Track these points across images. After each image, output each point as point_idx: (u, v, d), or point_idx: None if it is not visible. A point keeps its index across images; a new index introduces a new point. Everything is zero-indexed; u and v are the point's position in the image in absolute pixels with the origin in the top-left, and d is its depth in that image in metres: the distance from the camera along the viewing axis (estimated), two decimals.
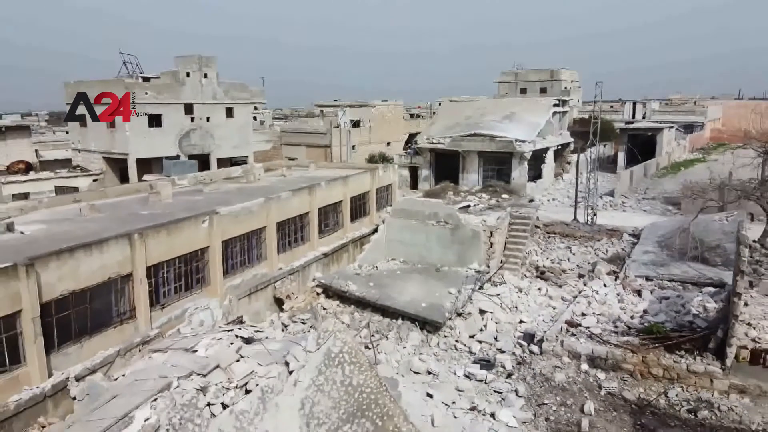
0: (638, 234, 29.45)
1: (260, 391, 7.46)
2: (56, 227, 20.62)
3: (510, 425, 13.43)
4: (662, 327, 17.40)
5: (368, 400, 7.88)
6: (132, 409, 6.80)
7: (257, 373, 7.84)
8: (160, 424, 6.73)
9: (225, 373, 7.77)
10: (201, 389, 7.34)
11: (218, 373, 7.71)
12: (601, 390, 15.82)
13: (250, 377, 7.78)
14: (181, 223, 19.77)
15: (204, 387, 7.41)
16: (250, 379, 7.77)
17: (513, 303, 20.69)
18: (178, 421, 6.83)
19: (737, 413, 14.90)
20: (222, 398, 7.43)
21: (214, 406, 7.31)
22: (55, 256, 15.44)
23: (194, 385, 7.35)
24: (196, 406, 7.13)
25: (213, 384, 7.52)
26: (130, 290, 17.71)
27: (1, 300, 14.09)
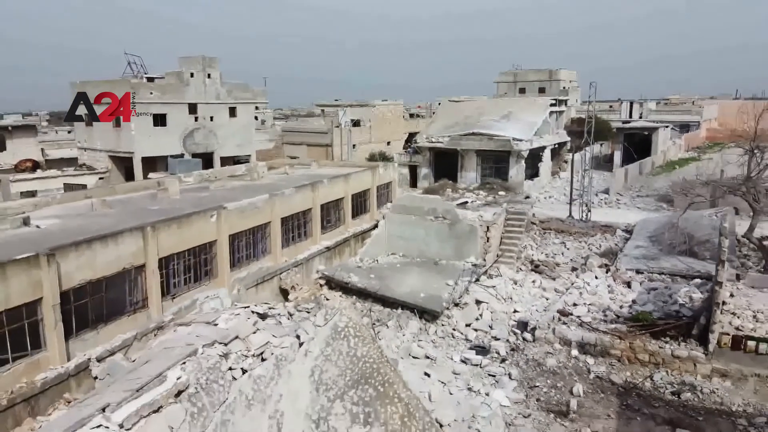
0: (631, 230, 30.34)
1: (275, 359, 8.36)
2: (70, 222, 21.51)
3: (503, 404, 14.32)
4: (649, 315, 18.30)
5: (371, 369, 8.77)
6: (165, 370, 7.66)
7: (272, 344, 8.72)
8: (189, 383, 7.60)
9: (243, 342, 8.65)
10: (223, 356, 8.23)
11: (237, 343, 8.58)
12: (590, 374, 16.72)
13: (266, 347, 8.66)
14: (190, 217, 20.67)
15: (225, 354, 8.30)
16: (266, 348, 8.66)
17: (508, 294, 21.60)
18: (205, 381, 7.71)
19: (719, 395, 15.79)
20: (241, 364, 8.32)
21: (235, 370, 8.19)
22: (73, 247, 16.34)
23: (217, 352, 8.23)
24: (219, 369, 8.02)
25: (233, 352, 8.41)
26: (143, 281, 18.60)
27: (23, 288, 15.01)
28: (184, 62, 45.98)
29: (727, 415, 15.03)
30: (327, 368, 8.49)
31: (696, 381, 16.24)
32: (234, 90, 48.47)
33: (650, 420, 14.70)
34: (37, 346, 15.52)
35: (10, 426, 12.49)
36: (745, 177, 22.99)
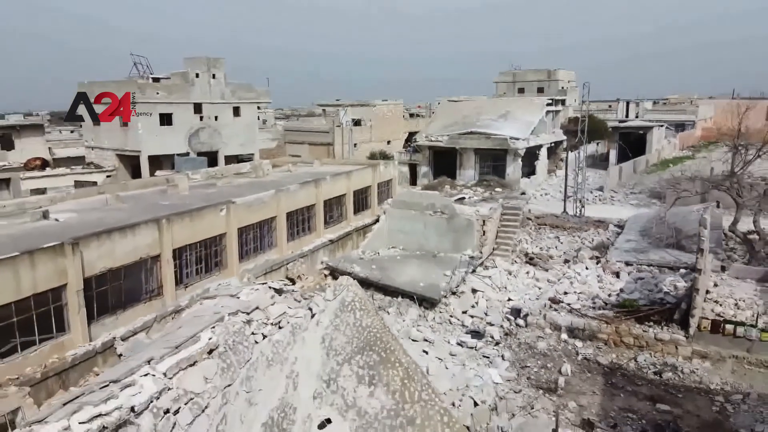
0: (623, 225, 31.45)
1: (290, 327, 9.45)
2: (86, 215, 22.65)
3: (495, 381, 15.44)
4: (634, 302, 19.44)
5: (374, 337, 9.86)
6: (198, 332, 8.74)
7: (288, 314, 9.80)
8: (219, 343, 8.67)
9: (263, 312, 9.73)
10: (246, 322, 9.31)
11: (258, 313, 9.66)
12: (578, 356, 17.85)
13: (282, 317, 9.74)
14: (201, 211, 21.82)
15: (248, 321, 9.37)
16: (282, 318, 9.74)
17: (502, 284, 22.73)
18: (231, 343, 8.79)
19: (698, 375, 16.92)
20: (262, 330, 9.39)
21: (256, 335, 9.26)
22: (95, 237, 17.50)
23: (241, 320, 9.31)
24: (243, 333, 9.11)
25: (254, 320, 9.48)
26: (158, 270, 19.75)
27: (49, 274, 16.16)
28: (189, 63, 47.05)
29: (706, 393, 16.15)
30: (336, 336, 9.61)
31: (677, 362, 17.35)
32: (238, 90, 49.54)
33: (632, 396, 15.83)
34: (61, 329, 16.66)
35: (43, 397, 13.61)
36: (729, 173, 24.10)
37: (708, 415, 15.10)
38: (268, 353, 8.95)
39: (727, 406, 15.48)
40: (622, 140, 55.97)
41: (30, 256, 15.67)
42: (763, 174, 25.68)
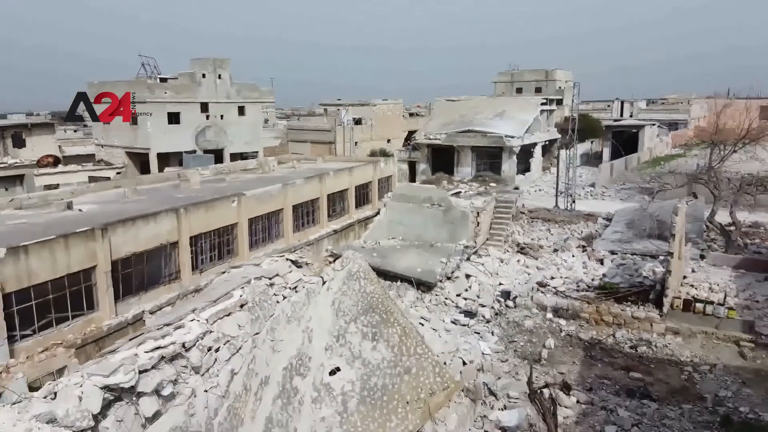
0: (610, 218, 33.14)
1: (305, 291, 11.05)
2: (107, 207, 24.33)
3: (485, 353, 17.10)
4: (614, 284, 21.12)
5: (376, 301, 11.47)
6: (230, 290, 10.35)
7: (303, 281, 11.40)
8: (247, 300, 10.26)
9: (282, 279, 11.33)
10: (269, 285, 10.92)
11: (278, 279, 11.26)
12: (561, 332, 19.52)
13: (299, 282, 11.35)
14: (215, 202, 23.54)
15: (271, 284, 10.97)
16: (299, 284, 11.34)
17: (494, 270, 24.39)
18: (258, 300, 10.39)
19: (670, 349, 18.58)
20: (282, 293, 10.99)
21: (278, 296, 10.85)
22: (122, 224, 19.21)
23: (264, 283, 10.91)
24: (267, 294, 10.71)
25: (276, 284, 11.09)
26: (177, 255, 21.49)
27: (81, 256, 17.86)
28: (196, 63, 48.74)
29: (676, 364, 17.81)
30: (343, 300, 11.21)
31: (651, 338, 19.02)
32: (243, 90, 51.25)
33: (609, 366, 17.50)
34: (91, 307, 18.37)
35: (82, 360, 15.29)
36: (707, 167, 25.76)
37: (677, 382, 16.76)
38: (288, 311, 10.57)
39: (695, 375, 17.14)
40: (615, 139, 57.67)
41: (65, 240, 17.37)
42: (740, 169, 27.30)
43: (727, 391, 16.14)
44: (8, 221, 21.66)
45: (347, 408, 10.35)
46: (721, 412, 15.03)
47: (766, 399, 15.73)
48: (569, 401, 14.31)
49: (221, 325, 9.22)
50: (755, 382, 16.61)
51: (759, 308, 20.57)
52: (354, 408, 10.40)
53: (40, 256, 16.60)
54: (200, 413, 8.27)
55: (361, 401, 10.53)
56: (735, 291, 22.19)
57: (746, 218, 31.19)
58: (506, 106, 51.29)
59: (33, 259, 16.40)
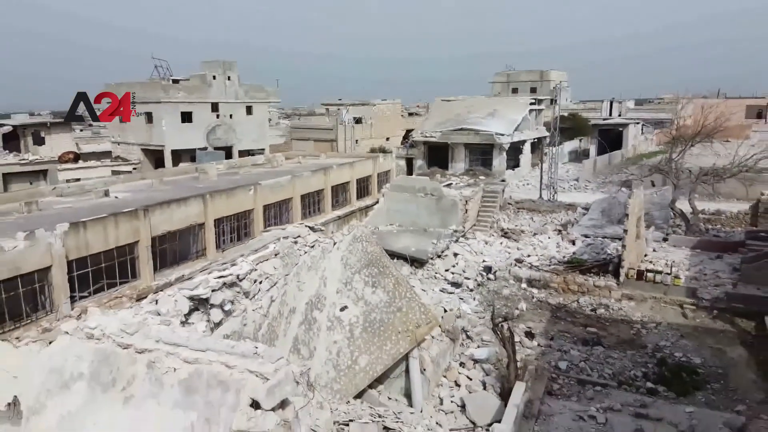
0: (588, 207, 36.49)
1: (321, 249, 14.29)
2: (138, 194, 27.65)
3: (467, 312, 20.43)
4: (581, 259, 24.47)
5: (375, 259, 14.69)
6: (266, 244, 13.57)
7: (319, 241, 14.62)
8: (279, 251, 13.46)
9: (303, 239, 14.56)
10: (294, 242, 14.15)
11: (300, 239, 14.49)
12: (533, 299, 22.87)
13: (316, 242, 14.56)
14: (235, 190, 26.87)
15: (295, 242, 14.19)
16: (316, 243, 14.55)
17: (479, 250, 27.72)
18: (287, 252, 13.57)
19: (624, 311, 21.93)
20: (303, 249, 14.21)
21: (300, 251, 14.07)
22: (159, 206, 22.55)
23: (290, 240, 14.13)
24: (293, 248, 13.92)
25: (298, 242, 14.31)
26: (203, 235, 24.84)
27: (127, 232, 21.19)
28: (206, 66, 52.02)
29: (628, 322, 21.16)
30: (350, 257, 14.45)
31: (609, 302, 22.37)
32: (250, 90, 54.53)
33: (570, 324, 20.86)
34: (134, 275, 21.71)
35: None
36: (668, 159, 29.10)
37: (626, 335, 20.12)
38: (308, 261, 13.78)
39: (642, 331, 20.51)
40: (602, 136, 60.97)
41: (114, 218, 20.72)
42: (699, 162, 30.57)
43: (667, 342, 19.50)
44: (56, 206, 25.05)
45: (353, 335, 13.62)
46: (659, 356, 18.38)
47: (698, 348, 19.09)
48: (531, 344, 17.67)
49: (262, 266, 12.41)
50: (692, 335, 19.98)
51: (705, 279, 23.90)
52: (358, 335, 13.68)
53: (95, 230, 19.94)
54: (249, 325, 11.45)
55: (363, 330, 13.80)
56: (688, 266, 25.56)
57: (710, 207, 34.63)
58: (497, 105, 54.61)
59: (89, 233, 19.74)
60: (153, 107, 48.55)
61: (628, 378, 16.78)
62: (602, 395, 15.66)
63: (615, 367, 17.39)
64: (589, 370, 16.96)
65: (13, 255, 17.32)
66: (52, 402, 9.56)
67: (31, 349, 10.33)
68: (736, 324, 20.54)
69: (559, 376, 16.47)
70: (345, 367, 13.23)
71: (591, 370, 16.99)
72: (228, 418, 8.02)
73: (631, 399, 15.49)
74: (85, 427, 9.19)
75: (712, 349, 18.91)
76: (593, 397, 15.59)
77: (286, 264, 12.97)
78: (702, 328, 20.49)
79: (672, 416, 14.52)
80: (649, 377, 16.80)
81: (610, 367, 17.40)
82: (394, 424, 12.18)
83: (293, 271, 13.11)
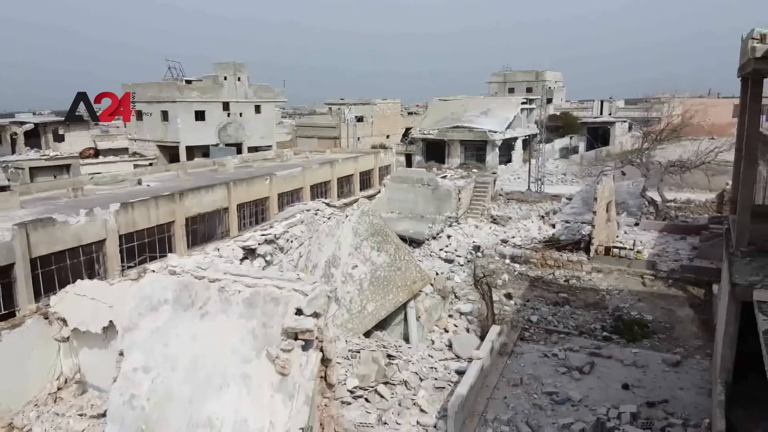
0: (572, 197, 39.98)
1: (336, 220, 17.67)
2: (167, 183, 31.09)
3: (456, 281, 23.89)
4: (557, 238, 27.95)
5: (380, 228, 18.04)
6: (293, 213, 17.01)
7: (334, 214, 18.01)
8: (304, 219, 16.85)
9: (321, 212, 17.95)
10: (314, 214, 17.56)
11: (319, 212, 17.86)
12: (515, 272, 26.34)
13: (332, 215, 17.95)
14: (253, 180, 30.35)
15: (315, 213, 17.59)
16: (332, 215, 17.95)
17: (470, 233, 31.19)
18: (310, 220, 16.97)
19: (593, 282, 25.40)
20: (322, 219, 17.59)
21: (319, 221, 17.49)
22: (191, 191, 26.03)
23: (312, 212, 17.54)
24: (314, 218, 17.28)
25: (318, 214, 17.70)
26: (227, 218, 28.31)
27: (166, 213, 24.66)
28: (218, 67, 55.50)
29: (595, 290, 24.62)
30: (359, 227, 17.83)
31: (581, 275, 25.84)
32: (259, 90, 57.98)
33: (545, 291, 24.31)
34: (171, 250, 25.13)
35: None
36: (638, 151, 32.58)
37: (592, 300, 23.60)
38: (326, 230, 17.18)
39: (606, 296, 23.98)
40: (590, 134, 64.52)
41: (155, 200, 24.21)
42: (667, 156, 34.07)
43: (626, 304, 22.99)
44: (97, 192, 28.50)
45: (362, 287, 17.04)
46: (617, 314, 21.87)
47: (652, 309, 22.55)
48: (509, 303, 21.15)
49: (292, 229, 15.78)
50: (648, 299, 23.47)
51: (666, 255, 27.41)
52: (366, 287, 17.09)
53: (140, 210, 23.44)
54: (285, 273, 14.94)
55: (370, 284, 17.21)
56: (653, 245, 29.06)
57: (681, 196, 38.17)
58: (491, 104, 58.10)
59: (136, 212, 23.23)
60: (168, 106, 52.02)
61: (588, 329, 20.26)
62: (565, 340, 19.14)
63: (578, 321, 20.89)
64: (555, 323, 20.45)
65: (77, 228, 20.82)
66: (143, 321, 12.98)
67: (124, 285, 13.81)
68: (688, 291, 24.03)
69: (530, 327, 19.95)
70: (356, 311, 16.68)
71: (557, 323, 20.48)
72: (279, 322, 11.46)
73: (589, 343, 18.97)
74: (169, 337, 12.63)
75: (663, 309, 22.39)
76: (557, 341, 19.06)
77: (309, 230, 16.36)
78: (658, 294, 23.97)
79: (619, 355, 17.99)
80: (606, 328, 20.28)
81: (574, 321, 20.89)
82: (395, 353, 15.65)
83: (315, 236, 16.51)
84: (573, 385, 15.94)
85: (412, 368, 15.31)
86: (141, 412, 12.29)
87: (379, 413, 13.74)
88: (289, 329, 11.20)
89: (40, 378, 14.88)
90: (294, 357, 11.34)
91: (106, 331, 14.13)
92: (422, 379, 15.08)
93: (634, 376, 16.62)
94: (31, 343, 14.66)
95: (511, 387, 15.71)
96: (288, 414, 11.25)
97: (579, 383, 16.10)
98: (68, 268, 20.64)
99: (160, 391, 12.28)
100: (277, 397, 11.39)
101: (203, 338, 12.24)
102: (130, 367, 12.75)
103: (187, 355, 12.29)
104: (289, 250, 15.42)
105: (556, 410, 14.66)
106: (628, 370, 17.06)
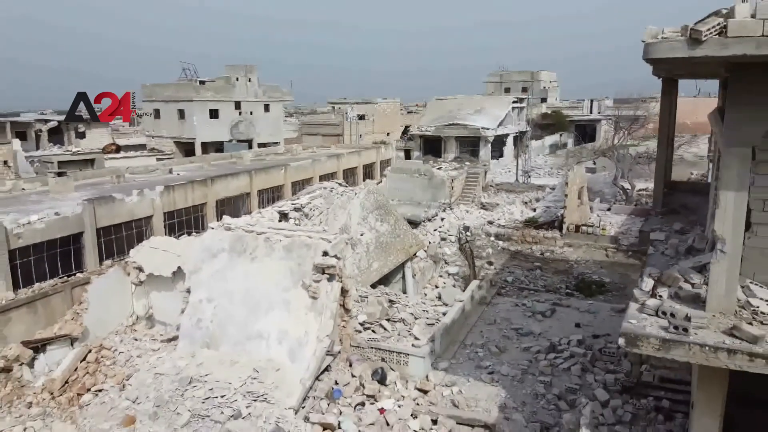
0: (554, 187, 44.28)
1: (347, 196, 21.89)
2: (194, 172, 35.29)
3: (446, 252, 28.16)
4: (536, 219, 32.23)
5: (383, 203, 22.27)
6: (314, 190, 21.18)
7: (346, 191, 22.22)
8: (322, 195, 21.07)
9: (335, 190, 22.16)
10: (330, 191, 21.76)
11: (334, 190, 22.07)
12: (499, 247, 30.63)
13: (344, 192, 22.15)
14: (270, 169, 34.62)
15: (330, 190, 21.79)
16: (344, 192, 22.17)
17: (461, 216, 35.48)
18: (327, 194, 21.24)
19: (565, 255, 29.66)
20: (336, 195, 21.82)
21: (334, 196, 21.69)
22: (219, 177, 30.30)
23: (328, 190, 21.74)
24: (330, 193, 21.49)
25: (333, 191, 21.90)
26: (249, 201, 32.56)
27: (199, 195, 28.89)
28: (230, 69, 59.68)
29: (565, 261, 28.91)
30: (366, 202, 22.08)
31: (555, 249, 30.11)
32: (268, 90, 62.17)
33: (524, 261, 28.62)
34: (204, 228, 29.37)
35: None
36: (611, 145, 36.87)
37: (561, 267, 27.89)
38: (339, 203, 21.41)
39: (574, 265, 28.27)
40: (578, 131, 68.82)
41: (192, 184, 28.45)
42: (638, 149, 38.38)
43: (589, 270, 27.30)
44: (136, 179, 32.72)
45: (369, 250, 21.29)
46: (580, 277, 26.15)
47: (610, 273, 26.85)
48: (490, 268, 25.42)
49: (314, 201, 20.01)
50: (608, 267, 27.76)
51: (630, 233, 31.66)
52: (372, 250, 21.34)
53: (179, 192, 27.68)
54: None
55: (375, 248, 21.46)
56: (620, 225, 33.32)
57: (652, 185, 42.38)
58: (485, 103, 62.38)
59: (176, 194, 27.47)
60: (185, 105, 56.20)
61: (554, 288, 24.55)
62: (533, 295, 23.42)
63: (546, 282, 25.18)
64: (527, 283, 24.73)
65: (131, 205, 25.06)
66: (205, 265, 17.23)
67: (189, 239, 18.10)
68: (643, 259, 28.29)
69: (506, 286, 24.23)
70: (364, 268, 20.92)
71: (528, 283, 24.76)
72: (311, 261, 15.71)
73: (553, 298, 23.22)
74: (227, 276, 16.88)
75: (620, 274, 26.68)
76: (527, 296, 23.34)
77: (327, 202, 20.62)
78: (618, 263, 28.26)
79: (577, 305, 22.23)
80: (569, 287, 24.57)
81: (543, 282, 25.19)
82: (395, 299, 19.92)
83: (331, 207, 20.78)
84: (536, 325, 20.17)
85: (408, 310, 19.55)
86: (206, 330, 16.61)
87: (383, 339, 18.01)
88: (318, 265, 15.49)
89: (118, 315, 19.18)
90: (322, 285, 15.65)
91: (174, 275, 18.40)
92: (416, 318, 19.31)
93: (586, 319, 20.86)
94: (112, 288, 18.94)
95: (486, 325, 19.96)
96: (318, 326, 15.55)
97: (541, 323, 20.33)
98: (123, 239, 24.86)
99: (221, 315, 16.59)
100: (310, 315, 15.72)
101: (253, 276, 16.52)
102: (196, 299, 17.07)
103: (241, 288, 16.59)
104: (312, 217, 19.69)
105: (521, 339, 18.90)
106: (582, 315, 21.30)
